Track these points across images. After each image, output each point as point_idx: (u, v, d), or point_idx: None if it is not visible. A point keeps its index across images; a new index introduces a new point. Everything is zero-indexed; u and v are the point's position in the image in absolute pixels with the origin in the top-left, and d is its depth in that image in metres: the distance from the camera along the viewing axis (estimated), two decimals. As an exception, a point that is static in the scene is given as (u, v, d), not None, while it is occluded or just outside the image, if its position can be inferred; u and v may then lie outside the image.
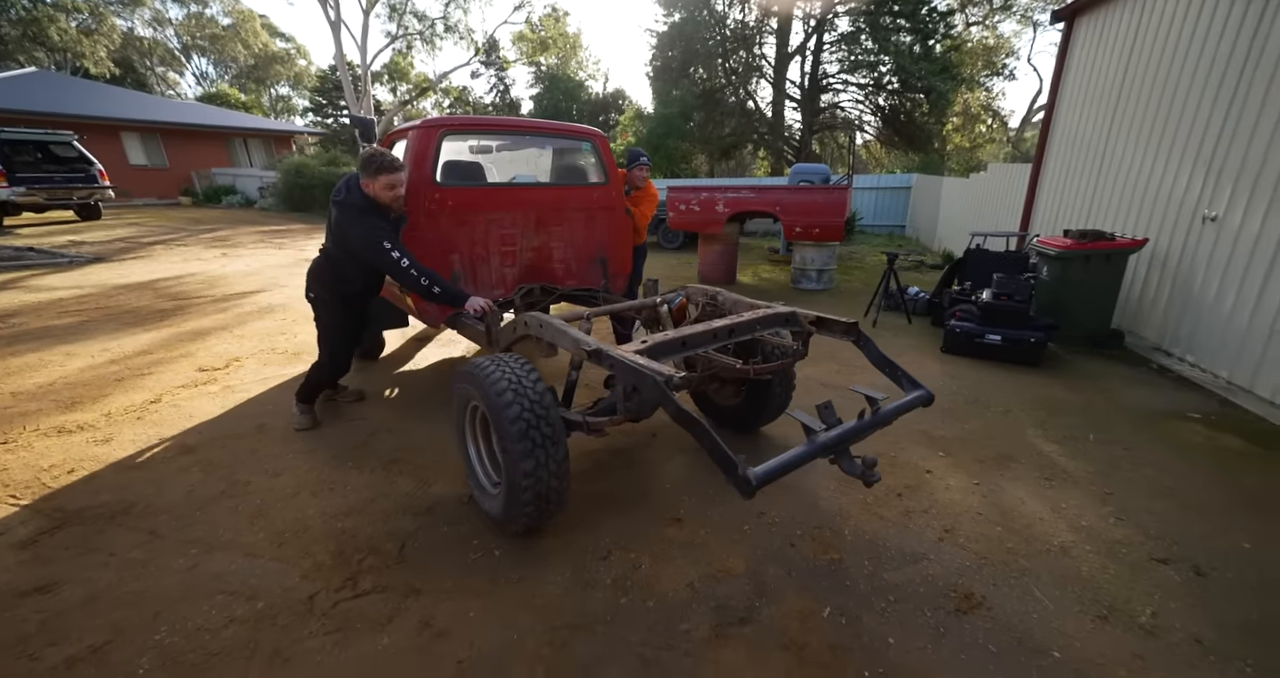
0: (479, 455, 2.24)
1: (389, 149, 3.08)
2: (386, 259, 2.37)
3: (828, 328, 2.36)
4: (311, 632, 1.67)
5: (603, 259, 3.50)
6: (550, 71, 28.98)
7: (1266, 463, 2.69)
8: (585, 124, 4.07)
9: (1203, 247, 3.83)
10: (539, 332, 2.25)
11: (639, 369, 1.74)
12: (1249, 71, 3.53)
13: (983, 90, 23.35)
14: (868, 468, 1.72)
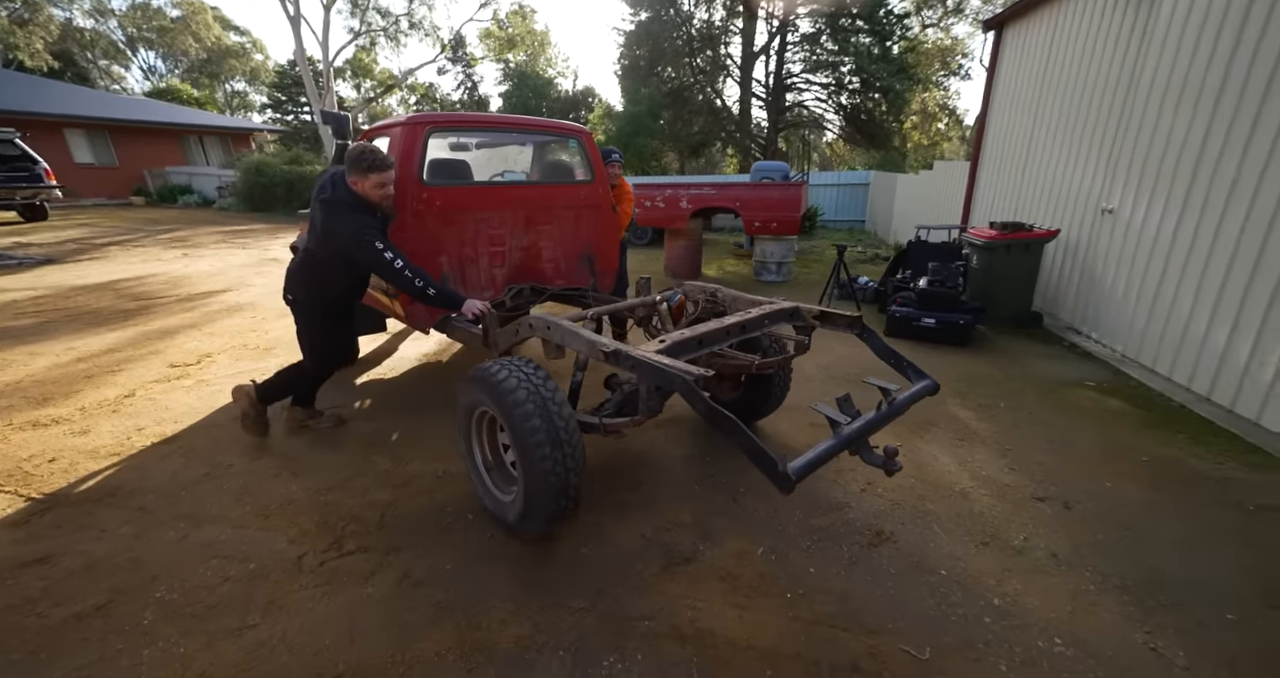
0: (485, 462, 2.20)
1: None
2: (379, 260, 2.25)
3: (831, 321, 2.37)
4: (302, 585, 1.86)
5: (590, 257, 3.45)
6: (518, 69, 28.85)
7: (1136, 420, 3.12)
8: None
9: (1102, 236, 4.30)
10: (546, 334, 2.16)
11: (665, 369, 1.70)
12: (1133, 84, 3.98)
13: (939, 90, 24.31)
14: (889, 458, 1.73)
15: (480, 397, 1.96)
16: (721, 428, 1.61)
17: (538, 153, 3.82)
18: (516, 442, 1.81)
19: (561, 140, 3.57)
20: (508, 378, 1.87)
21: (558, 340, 2.15)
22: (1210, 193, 3.28)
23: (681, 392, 1.65)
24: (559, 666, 1.58)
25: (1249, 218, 3.01)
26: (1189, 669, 1.56)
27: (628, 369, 1.86)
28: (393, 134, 2.86)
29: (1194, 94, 3.45)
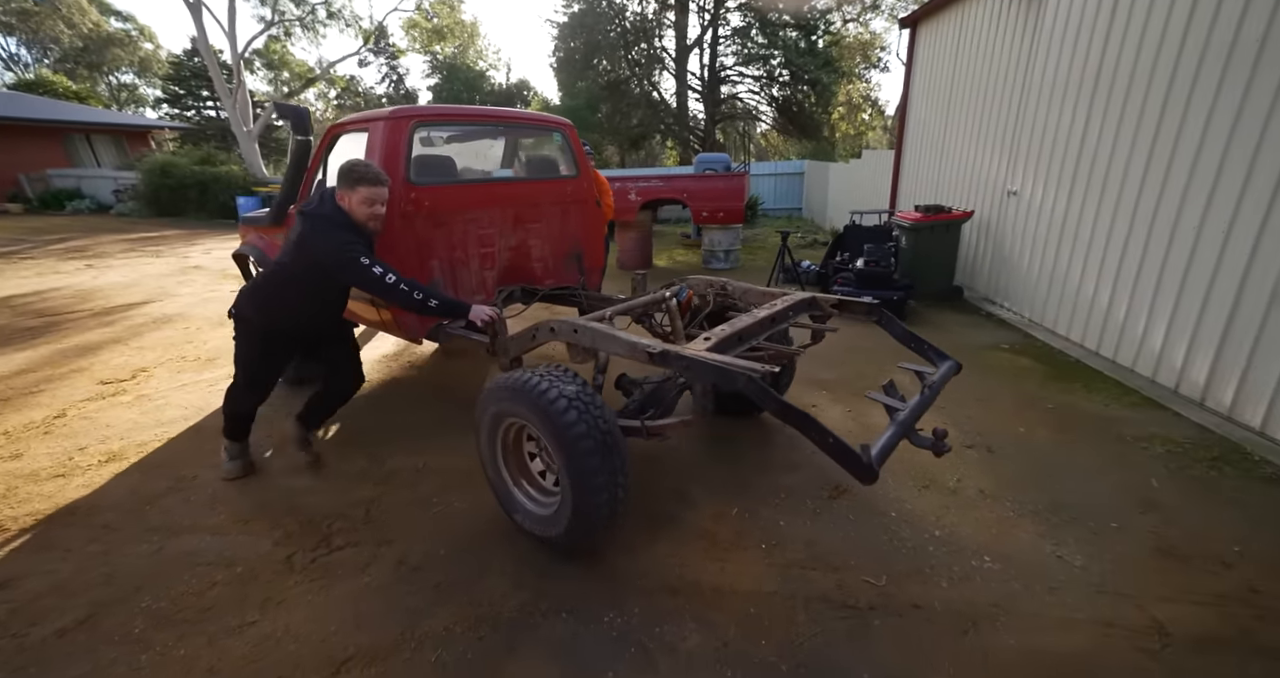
0: (514, 476, 2.09)
1: (331, 145, 2.88)
2: (367, 276, 2.04)
3: (849, 309, 2.37)
4: (297, 582, 1.88)
5: (578, 254, 3.34)
6: (448, 61, 27.82)
7: (1042, 374, 3.60)
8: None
9: (1008, 216, 4.83)
10: (574, 338, 2.06)
11: (726, 368, 1.63)
12: (1027, 78, 4.49)
13: (862, 82, 25.63)
14: (939, 439, 1.71)
15: (512, 408, 1.83)
16: (797, 424, 1.56)
17: (520, 147, 3.63)
18: (563, 454, 1.70)
19: (545, 133, 3.42)
20: (547, 387, 1.74)
21: (587, 344, 2.03)
22: (1091, 175, 3.79)
23: (747, 390, 1.58)
24: (563, 625, 1.71)
25: (1120, 197, 3.51)
26: (1084, 568, 1.89)
27: (679, 370, 1.77)
28: (372, 129, 2.59)
29: (1075, 87, 3.95)
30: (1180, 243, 3.07)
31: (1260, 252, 2.61)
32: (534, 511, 1.99)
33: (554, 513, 1.89)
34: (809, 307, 2.41)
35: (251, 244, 3.51)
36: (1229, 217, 2.77)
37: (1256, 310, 2.62)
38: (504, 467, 2.07)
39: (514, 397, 1.81)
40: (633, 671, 1.55)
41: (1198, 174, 2.96)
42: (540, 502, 2.02)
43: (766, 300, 2.49)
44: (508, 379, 1.85)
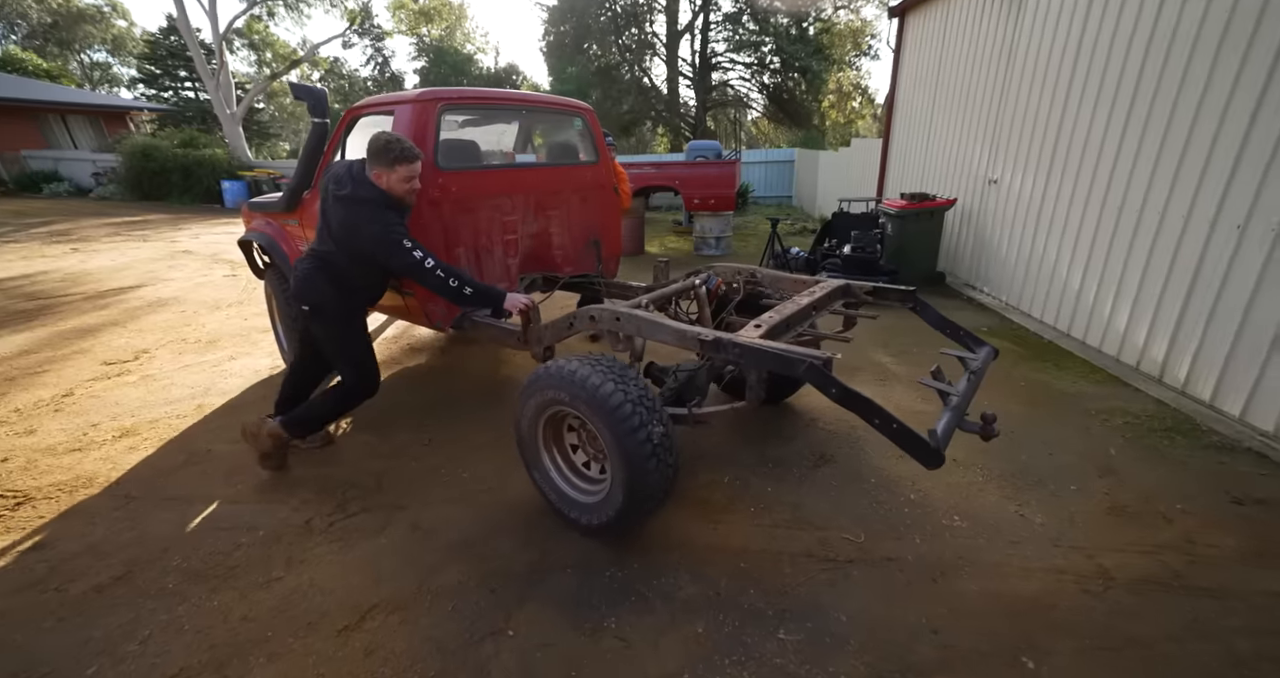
0: (557, 464, 2.09)
1: (349, 128, 2.80)
2: (408, 260, 2.03)
3: (883, 296, 2.37)
4: (317, 543, 2.00)
5: (596, 242, 3.29)
6: (434, 44, 27.31)
7: (1017, 355, 3.78)
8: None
9: (989, 203, 4.99)
10: (616, 326, 2.04)
11: (786, 355, 1.63)
12: (1008, 68, 4.62)
13: (852, 70, 25.62)
14: (987, 424, 1.72)
15: (559, 397, 1.82)
16: (860, 411, 1.56)
17: (539, 132, 3.56)
18: (617, 442, 1.70)
19: (567, 118, 3.33)
20: (594, 376, 1.73)
21: (631, 332, 2.02)
22: (1065, 165, 3.95)
23: (809, 377, 1.59)
24: (568, 579, 1.86)
25: (1092, 185, 3.68)
26: (1043, 524, 2.08)
27: (732, 358, 1.77)
28: (398, 112, 2.50)
29: (1053, 78, 4.09)
30: (1144, 231, 3.25)
31: (1214, 240, 2.79)
32: (579, 499, 2.00)
33: (602, 499, 1.89)
34: (844, 294, 2.41)
35: (259, 231, 3.39)
36: (1187, 206, 2.94)
37: (1209, 293, 2.81)
38: (547, 457, 2.07)
39: (563, 387, 1.78)
40: (633, 615, 1.70)
41: (1161, 165, 3.12)
42: (585, 490, 2.03)
43: (798, 288, 2.53)
44: (555, 370, 1.81)
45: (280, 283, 3.20)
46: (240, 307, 5.19)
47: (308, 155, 2.87)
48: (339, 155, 2.86)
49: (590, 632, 1.64)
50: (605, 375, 1.74)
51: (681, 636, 1.63)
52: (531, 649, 1.58)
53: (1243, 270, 2.64)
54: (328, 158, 2.86)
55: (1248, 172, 2.63)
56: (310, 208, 2.90)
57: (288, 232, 3.21)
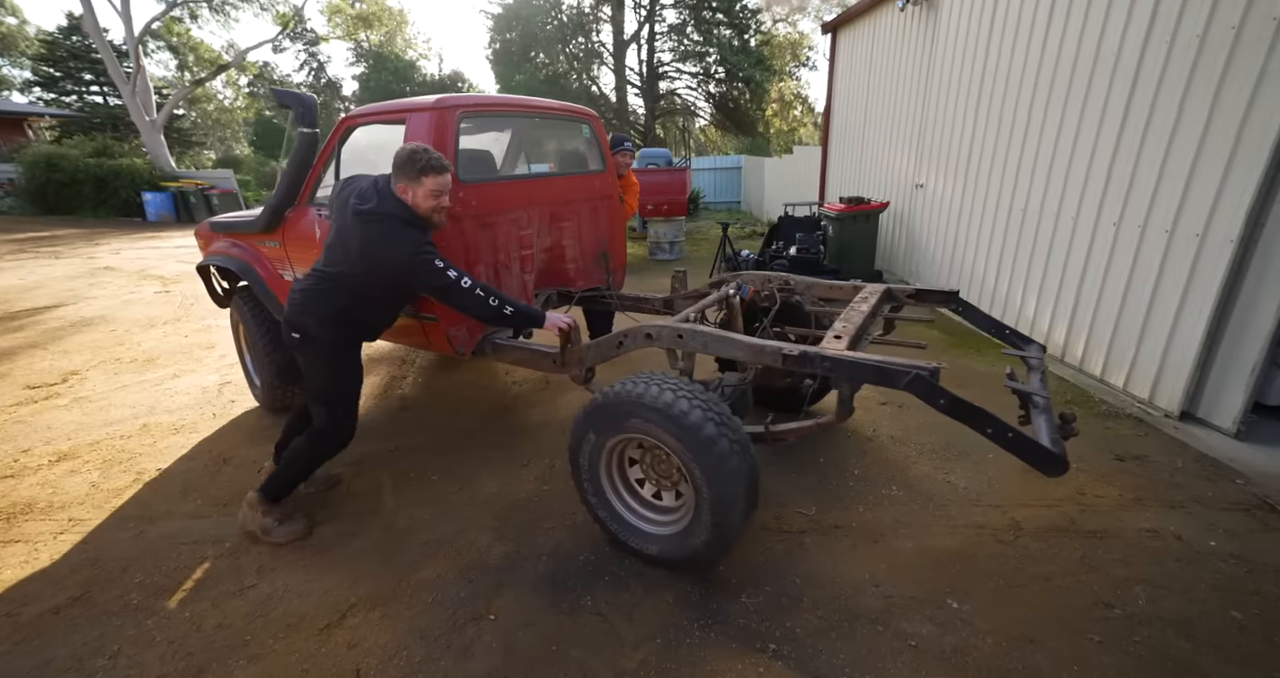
0: (620, 495, 1.95)
1: (343, 139, 2.48)
2: (442, 281, 1.84)
3: (925, 299, 2.34)
4: (288, 551, 2.01)
5: (605, 254, 3.14)
6: (374, 49, 26.56)
7: (946, 342, 4.17)
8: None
9: (917, 206, 5.45)
10: (679, 343, 1.93)
11: (886, 367, 1.57)
12: (928, 82, 5.08)
13: (792, 80, 26.80)
14: (1066, 423, 1.70)
15: (639, 425, 1.69)
16: (972, 421, 1.52)
17: (555, 140, 3.38)
18: (709, 471, 1.60)
19: (574, 125, 3.14)
20: (692, 407, 1.61)
21: (696, 349, 1.91)
22: (979, 169, 4.39)
23: (915, 388, 1.53)
24: (544, 565, 1.95)
25: (1001, 188, 4.12)
26: (966, 488, 2.35)
27: (823, 371, 1.68)
28: (412, 121, 2.28)
29: (965, 91, 4.54)
30: (1044, 231, 3.68)
31: (1097, 238, 3.21)
32: (652, 531, 1.88)
33: (683, 530, 1.79)
34: (889, 298, 2.37)
35: (227, 255, 2.96)
36: (1075, 209, 3.37)
37: (1096, 283, 3.23)
38: (608, 489, 1.93)
39: (643, 414, 1.66)
40: (608, 592, 1.82)
41: (1054, 173, 3.55)
42: (656, 521, 1.90)
43: (833, 293, 2.55)
44: (632, 395, 1.68)
45: (253, 311, 2.87)
46: (178, 324, 4.95)
47: (294, 169, 2.59)
48: (330, 169, 2.55)
49: (569, 611, 1.75)
50: (691, 399, 1.62)
51: (654, 606, 1.77)
52: (513, 630, 1.67)
53: (1121, 263, 3.06)
54: (316, 172, 2.61)
55: (1119, 180, 3.05)
56: (296, 227, 2.66)
57: (264, 254, 2.85)
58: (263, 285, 2.78)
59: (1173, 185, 2.74)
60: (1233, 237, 2.46)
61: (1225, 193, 2.49)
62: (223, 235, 3.09)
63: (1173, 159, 2.74)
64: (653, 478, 1.92)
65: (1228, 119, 2.47)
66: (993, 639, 1.61)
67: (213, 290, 3.33)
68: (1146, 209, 2.89)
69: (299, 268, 2.66)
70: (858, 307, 2.18)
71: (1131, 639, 1.60)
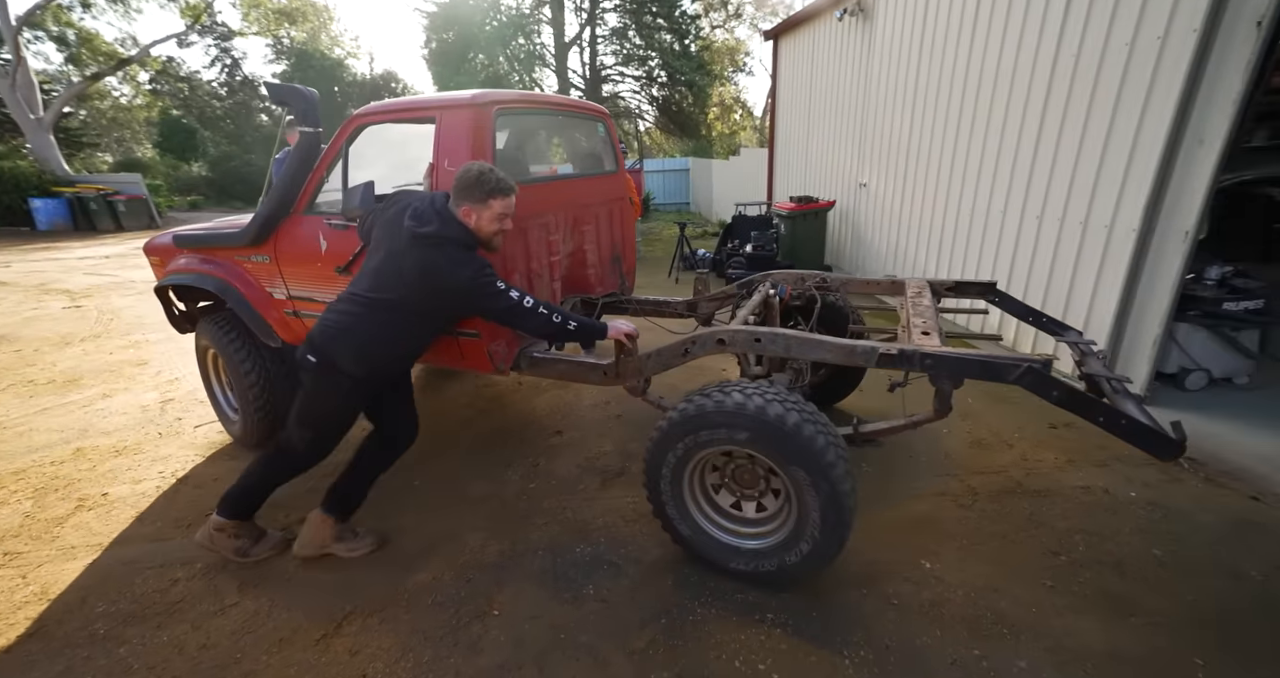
0: (703, 509, 1.88)
1: (352, 139, 2.21)
2: (506, 304, 1.74)
3: (963, 291, 2.37)
4: (270, 566, 1.91)
5: (618, 257, 3.01)
6: (298, 47, 25.07)
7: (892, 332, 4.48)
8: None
9: (861, 204, 5.81)
10: (757, 347, 1.85)
11: (993, 361, 1.56)
12: (867, 87, 5.44)
13: (731, 85, 27.61)
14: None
15: (734, 436, 1.64)
16: (1085, 412, 1.54)
17: (572, 139, 3.23)
18: (817, 480, 1.57)
19: (591, 123, 2.99)
20: (796, 416, 1.58)
21: (779, 352, 1.84)
22: (916, 171, 4.75)
23: (1028, 381, 1.53)
24: (541, 560, 1.97)
25: (937, 185, 4.48)
26: (928, 460, 2.56)
27: (923, 369, 1.65)
28: (445, 118, 2.05)
29: (901, 96, 4.90)
30: (977, 222, 4.03)
31: (1025, 225, 3.57)
32: (746, 546, 1.81)
33: (779, 543, 1.74)
34: (930, 291, 2.38)
35: (198, 273, 2.56)
36: (1004, 201, 3.73)
37: (1024, 268, 3.58)
38: (690, 504, 1.86)
39: (742, 426, 1.60)
40: (608, 580, 1.87)
41: (984, 168, 3.91)
42: (744, 534, 1.84)
43: (867, 289, 2.65)
44: (731, 406, 1.62)
45: (234, 337, 2.51)
46: (99, 340, 4.52)
47: (292, 173, 2.29)
48: (336, 173, 2.26)
49: (572, 600, 1.78)
50: (790, 407, 1.59)
51: (655, 590, 1.83)
52: (519, 623, 1.68)
53: (1044, 252, 3.42)
54: (318, 176, 2.30)
55: (1039, 178, 3.41)
56: (292, 239, 2.35)
57: (248, 271, 2.50)
58: (248, 306, 2.44)
59: (1084, 183, 3.09)
60: (1133, 227, 2.81)
61: (1127, 189, 2.85)
62: (191, 250, 2.67)
63: (1083, 159, 3.09)
64: (735, 490, 1.86)
65: (1127, 124, 2.82)
66: (962, 592, 1.78)
67: (173, 314, 2.87)
68: (1064, 204, 3.24)
69: (295, 285, 2.39)
70: (920, 301, 2.15)
71: (1076, 581, 1.82)
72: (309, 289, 2.36)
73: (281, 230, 2.37)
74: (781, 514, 1.76)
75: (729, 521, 1.87)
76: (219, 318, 2.59)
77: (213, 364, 2.80)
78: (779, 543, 1.73)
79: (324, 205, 2.32)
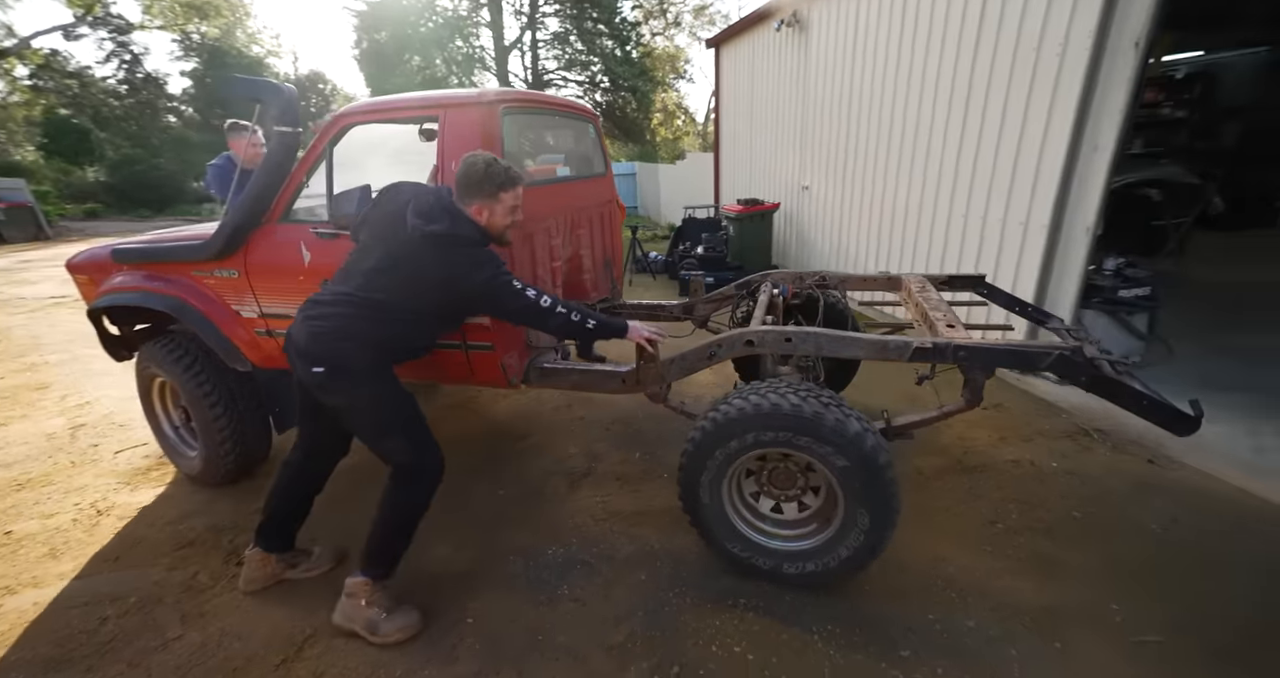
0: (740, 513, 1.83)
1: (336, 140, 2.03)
2: (521, 303, 1.64)
3: (953, 285, 2.47)
4: (215, 593, 1.79)
5: (609, 261, 2.94)
6: (210, 43, 23.29)
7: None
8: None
9: (805, 206, 6.08)
10: (788, 347, 1.81)
11: (1025, 350, 1.60)
12: (806, 95, 5.72)
13: (673, 91, 28.14)
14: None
15: (785, 438, 1.61)
16: (1111, 394, 1.59)
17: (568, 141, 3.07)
18: (860, 472, 1.57)
19: (584, 124, 2.90)
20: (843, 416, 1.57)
21: (809, 351, 1.83)
22: (854, 174, 5.04)
23: (1059, 367, 1.57)
24: (514, 565, 1.94)
25: (872, 187, 4.77)
26: (878, 443, 2.72)
27: (957, 361, 1.67)
28: (450, 117, 1.94)
29: (837, 103, 5.18)
30: (910, 220, 4.33)
31: (953, 222, 3.87)
32: (779, 546, 1.79)
33: (825, 543, 1.72)
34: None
35: (144, 291, 2.27)
36: (934, 201, 4.03)
37: (954, 262, 3.88)
38: (728, 506, 1.82)
39: (793, 428, 1.58)
40: (582, 579, 1.87)
41: (915, 170, 4.21)
42: (783, 536, 1.82)
43: (864, 286, 2.71)
44: (787, 409, 1.58)
45: (186, 362, 2.24)
46: (-13, 362, 4.03)
47: (266, 178, 2.06)
48: (324, 177, 2.06)
49: (547, 602, 1.77)
50: (837, 408, 1.59)
51: (629, 585, 1.84)
52: (495, 628, 1.65)
53: (970, 247, 3.71)
54: (297, 180, 2.09)
55: (964, 179, 3.71)
56: (267, 251, 2.12)
57: (210, 288, 2.23)
58: (211, 327, 2.19)
59: (1002, 184, 3.39)
60: (1044, 223, 3.11)
61: (1038, 189, 3.15)
62: (133, 266, 2.34)
63: (1000, 162, 3.39)
64: (772, 493, 1.83)
65: (1036, 131, 3.12)
66: (915, 563, 1.91)
67: (108, 340, 2.54)
68: (985, 203, 3.54)
69: (270, 302, 2.16)
70: (929, 295, 2.20)
71: (1012, 545, 2.00)
72: (287, 305, 2.09)
73: (253, 242, 2.14)
74: (827, 512, 1.75)
75: (762, 521, 1.85)
76: (169, 342, 2.29)
77: (160, 395, 2.48)
78: (828, 541, 1.71)
79: (302, 212, 2.13)
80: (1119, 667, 1.51)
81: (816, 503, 1.79)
